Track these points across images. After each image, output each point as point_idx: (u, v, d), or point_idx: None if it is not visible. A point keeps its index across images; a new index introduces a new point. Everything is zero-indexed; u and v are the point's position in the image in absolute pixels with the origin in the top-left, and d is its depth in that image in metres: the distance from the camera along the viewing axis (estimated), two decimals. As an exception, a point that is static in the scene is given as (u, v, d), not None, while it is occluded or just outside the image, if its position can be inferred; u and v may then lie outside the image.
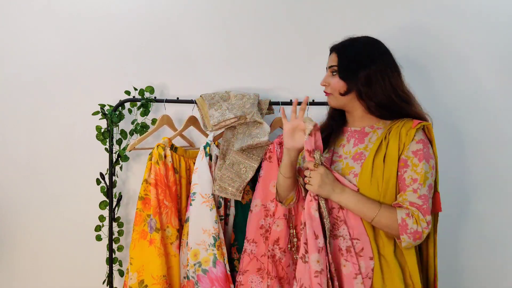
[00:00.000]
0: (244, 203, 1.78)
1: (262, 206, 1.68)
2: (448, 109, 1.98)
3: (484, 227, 1.99)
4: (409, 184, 1.30)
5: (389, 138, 1.36)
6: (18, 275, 2.10)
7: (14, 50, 2.06)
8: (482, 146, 1.98)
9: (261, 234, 1.67)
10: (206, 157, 1.71)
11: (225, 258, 1.66)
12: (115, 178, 1.97)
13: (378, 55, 1.39)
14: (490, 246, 1.99)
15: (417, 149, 1.33)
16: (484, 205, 1.99)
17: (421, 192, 1.29)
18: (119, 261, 1.99)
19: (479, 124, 1.98)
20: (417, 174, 1.30)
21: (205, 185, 1.68)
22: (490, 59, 1.98)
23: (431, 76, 1.98)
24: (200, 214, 1.66)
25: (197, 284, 1.64)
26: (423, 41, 1.99)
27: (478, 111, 1.98)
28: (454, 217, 1.99)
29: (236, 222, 1.78)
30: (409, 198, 1.29)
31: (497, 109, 1.98)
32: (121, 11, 2.04)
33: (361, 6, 2.00)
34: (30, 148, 2.07)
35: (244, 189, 1.76)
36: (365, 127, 1.44)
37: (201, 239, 1.65)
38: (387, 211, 1.29)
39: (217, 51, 2.04)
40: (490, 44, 1.97)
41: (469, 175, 1.99)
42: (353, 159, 1.40)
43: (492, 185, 1.99)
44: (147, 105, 1.93)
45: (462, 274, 2.00)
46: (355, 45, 1.43)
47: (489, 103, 1.98)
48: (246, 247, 1.66)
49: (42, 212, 2.08)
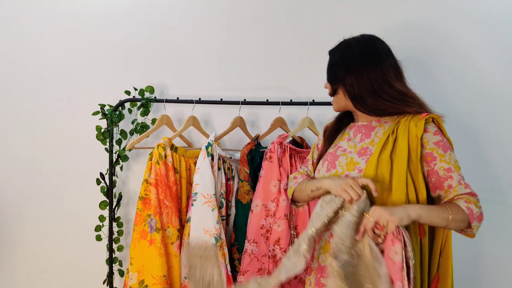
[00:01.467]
0: (245, 203, 1.78)
1: (262, 206, 1.68)
2: (454, 109, 1.98)
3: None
4: (443, 175, 1.29)
5: (398, 133, 1.32)
6: (18, 275, 2.10)
7: (14, 50, 2.06)
8: (488, 144, 1.99)
9: (261, 234, 1.67)
10: (208, 157, 1.70)
11: (226, 258, 1.66)
12: (115, 178, 1.97)
13: (364, 57, 1.36)
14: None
15: (437, 140, 1.30)
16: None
17: (463, 180, 1.29)
18: (119, 261, 1.99)
19: (487, 123, 1.99)
20: (448, 164, 1.29)
21: (207, 185, 1.67)
22: (495, 57, 1.98)
23: (435, 75, 1.99)
24: (201, 215, 1.65)
25: None
26: (425, 40, 1.99)
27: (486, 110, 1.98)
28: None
29: (237, 222, 1.78)
30: (460, 191, 1.28)
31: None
32: (121, 11, 2.04)
33: (361, 7, 2.00)
34: (30, 148, 2.07)
35: (245, 189, 1.76)
36: (372, 121, 1.41)
37: (202, 240, 1.64)
38: (454, 206, 1.26)
39: (217, 51, 2.04)
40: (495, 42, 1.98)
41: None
42: (358, 154, 1.36)
43: (493, 186, 1.99)
44: (147, 105, 1.93)
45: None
46: (341, 49, 1.41)
47: (496, 101, 1.98)
48: (246, 247, 1.66)
49: (42, 212, 2.08)
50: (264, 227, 1.67)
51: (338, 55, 1.41)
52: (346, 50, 1.40)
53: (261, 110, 2.01)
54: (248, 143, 1.84)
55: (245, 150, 1.81)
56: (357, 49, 1.39)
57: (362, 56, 1.37)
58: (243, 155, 1.80)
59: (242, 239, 1.72)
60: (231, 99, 1.95)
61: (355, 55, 1.38)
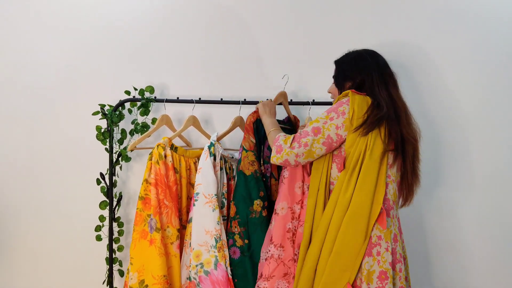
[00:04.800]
0: (248, 174, 1.68)
1: (288, 209, 1.61)
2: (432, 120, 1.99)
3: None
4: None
5: None
6: (18, 275, 2.09)
7: (14, 50, 2.06)
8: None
9: (288, 238, 1.60)
10: (211, 157, 1.69)
11: (227, 260, 1.63)
12: (115, 178, 1.97)
13: (364, 68, 1.57)
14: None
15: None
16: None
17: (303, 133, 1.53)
18: (119, 261, 1.98)
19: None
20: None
21: (209, 185, 1.65)
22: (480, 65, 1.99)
23: (421, 85, 2.01)
24: (202, 215, 1.64)
25: (198, 285, 1.63)
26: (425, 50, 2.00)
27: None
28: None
29: (238, 194, 1.68)
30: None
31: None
32: (121, 12, 2.04)
33: (362, 11, 2.00)
34: (30, 148, 2.07)
35: (249, 160, 1.69)
36: None
37: (203, 240, 1.64)
38: (279, 132, 1.63)
39: (216, 51, 2.04)
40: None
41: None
42: None
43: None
44: (147, 105, 1.93)
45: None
46: (345, 60, 1.64)
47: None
48: (272, 252, 1.59)
49: (42, 212, 2.08)
50: (290, 230, 1.61)
51: (343, 65, 1.66)
52: (351, 61, 1.65)
53: (261, 110, 2.01)
54: (254, 112, 1.76)
55: (252, 118, 1.73)
56: (356, 61, 1.63)
57: (364, 68, 1.61)
58: (249, 123, 1.72)
59: (243, 211, 1.65)
60: (231, 99, 1.95)
61: (359, 66, 1.62)
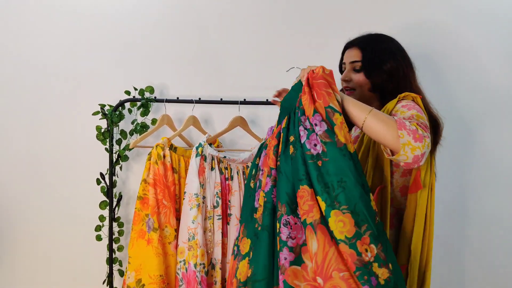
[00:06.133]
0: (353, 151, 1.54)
1: None
2: (459, 108, 1.96)
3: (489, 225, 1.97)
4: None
5: None
6: (18, 275, 2.11)
7: (14, 50, 2.07)
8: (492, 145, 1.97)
9: None
10: (196, 158, 1.72)
11: (198, 261, 1.63)
12: (115, 178, 1.97)
13: (397, 51, 1.41)
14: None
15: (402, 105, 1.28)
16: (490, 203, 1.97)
17: (413, 119, 1.22)
18: (119, 261, 1.99)
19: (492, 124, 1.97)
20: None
21: (192, 184, 1.70)
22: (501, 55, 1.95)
23: (443, 75, 1.97)
24: (185, 213, 1.70)
25: (181, 281, 1.67)
26: (432, 39, 1.97)
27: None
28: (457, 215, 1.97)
29: (351, 184, 1.15)
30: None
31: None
32: (121, 11, 2.05)
33: (363, 5, 1.99)
34: (30, 148, 2.08)
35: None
36: None
37: (186, 238, 1.68)
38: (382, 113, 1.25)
39: (216, 51, 2.03)
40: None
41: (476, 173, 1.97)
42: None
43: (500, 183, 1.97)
44: (147, 105, 1.93)
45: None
46: (378, 40, 1.44)
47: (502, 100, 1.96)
48: None
49: (42, 212, 2.08)
50: None
51: (377, 47, 1.46)
52: (385, 43, 1.47)
53: (260, 110, 2.00)
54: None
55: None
56: (389, 44, 1.47)
57: (397, 51, 1.45)
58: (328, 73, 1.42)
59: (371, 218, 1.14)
60: (230, 99, 1.94)
61: (393, 49, 1.47)
